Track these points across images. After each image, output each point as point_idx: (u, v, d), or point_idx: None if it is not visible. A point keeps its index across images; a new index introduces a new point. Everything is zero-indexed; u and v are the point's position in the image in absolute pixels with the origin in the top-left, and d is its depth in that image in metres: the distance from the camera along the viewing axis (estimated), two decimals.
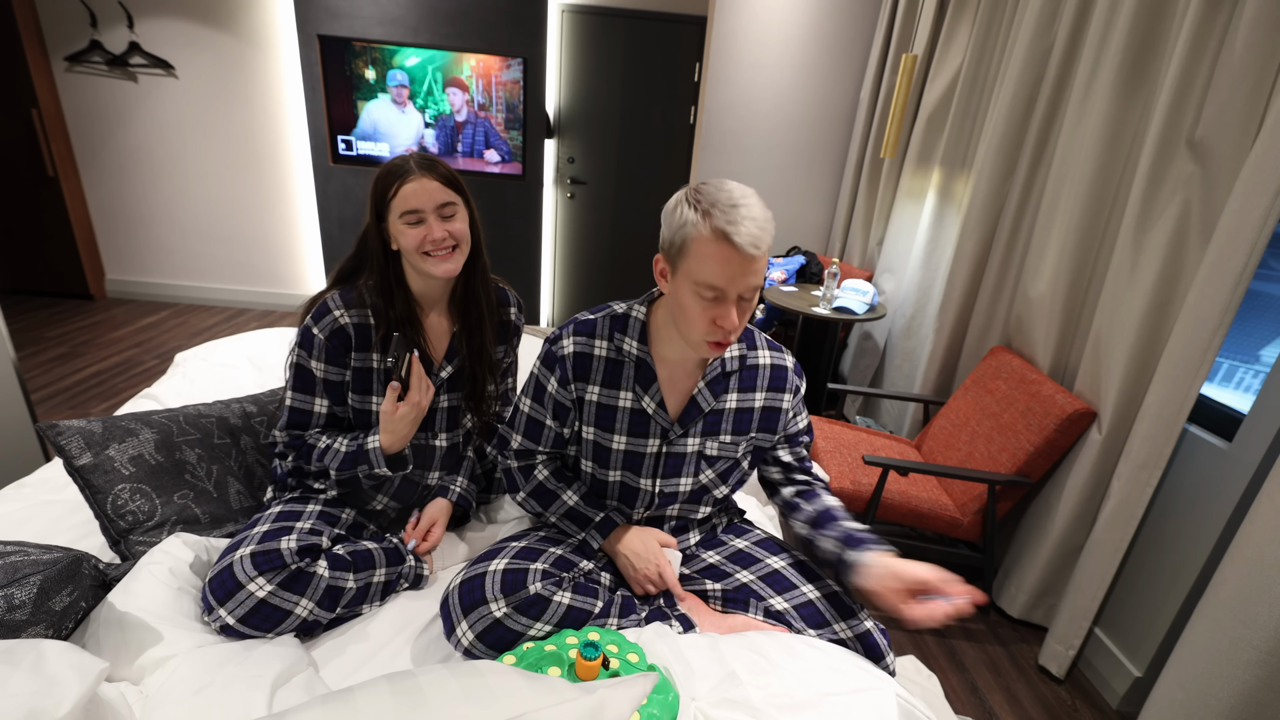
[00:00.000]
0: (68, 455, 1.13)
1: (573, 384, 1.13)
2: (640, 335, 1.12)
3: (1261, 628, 1.18)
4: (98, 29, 3.51)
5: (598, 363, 1.13)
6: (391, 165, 1.14)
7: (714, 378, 1.14)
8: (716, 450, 1.17)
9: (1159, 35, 1.70)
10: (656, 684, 0.90)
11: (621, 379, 1.13)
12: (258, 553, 1.03)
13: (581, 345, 1.13)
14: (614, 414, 1.14)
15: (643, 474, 1.17)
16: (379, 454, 1.16)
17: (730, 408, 1.16)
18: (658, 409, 1.13)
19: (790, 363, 1.20)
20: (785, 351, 1.21)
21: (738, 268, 0.94)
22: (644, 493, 1.19)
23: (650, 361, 1.12)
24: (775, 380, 1.18)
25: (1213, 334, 1.42)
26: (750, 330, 1.19)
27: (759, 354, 1.18)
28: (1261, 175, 1.31)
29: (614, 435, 1.14)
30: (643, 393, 1.12)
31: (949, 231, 2.69)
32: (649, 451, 1.15)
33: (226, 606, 1.00)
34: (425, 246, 1.13)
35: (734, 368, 1.15)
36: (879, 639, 1.11)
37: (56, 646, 0.76)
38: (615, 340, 1.12)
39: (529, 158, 3.72)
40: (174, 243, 3.98)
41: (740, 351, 1.16)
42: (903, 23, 3.18)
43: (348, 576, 1.12)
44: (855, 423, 2.91)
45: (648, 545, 1.17)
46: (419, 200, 1.11)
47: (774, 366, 1.18)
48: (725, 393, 1.15)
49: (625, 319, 1.13)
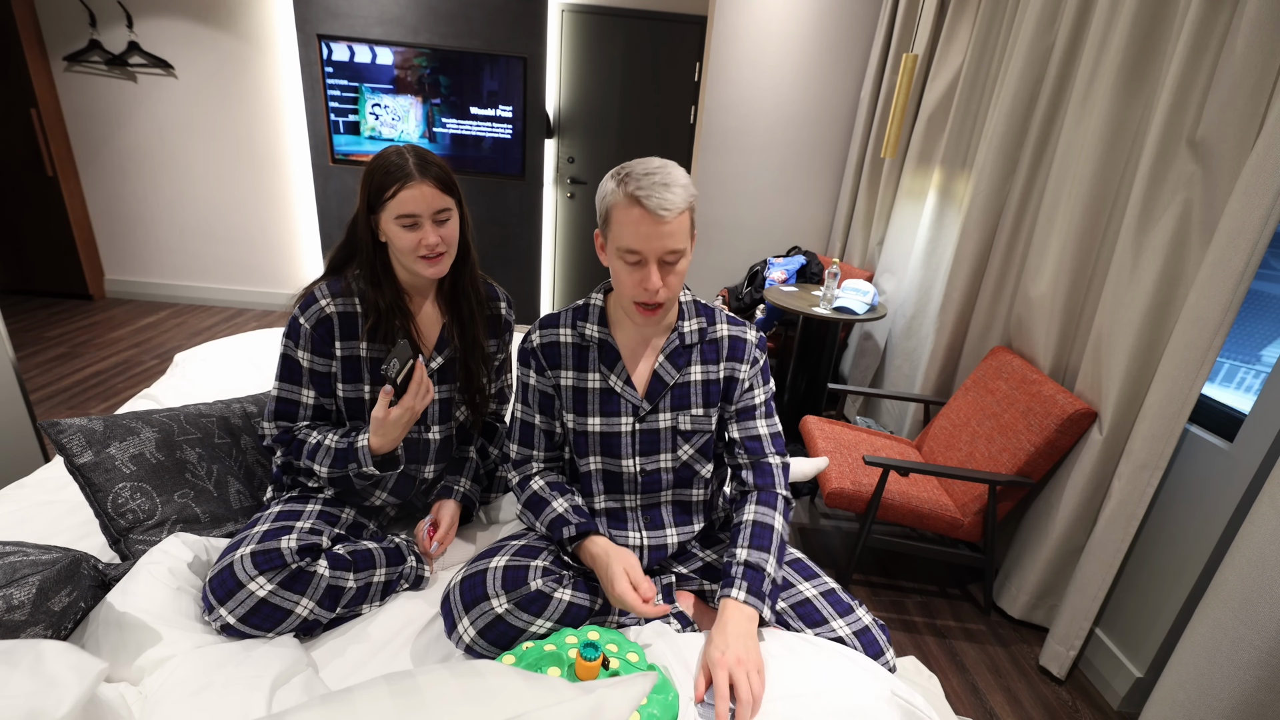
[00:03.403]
0: (69, 453, 1.13)
1: (548, 371, 1.18)
2: (600, 319, 1.17)
3: (1262, 628, 1.18)
4: (97, 29, 3.51)
5: (565, 349, 1.18)
6: (389, 162, 1.12)
7: (673, 350, 1.16)
8: (690, 424, 1.18)
9: (1160, 35, 1.69)
10: (656, 683, 0.90)
11: (588, 361, 1.17)
12: (258, 552, 1.03)
13: (548, 336, 1.18)
14: (586, 395, 1.17)
15: (623, 455, 1.18)
16: (367, 453, 1.15)
17: (696, 380, 1.18)
18: (625, 386, 1.15)
19: (752, 336, 1.21)
20: (748, 326, 1.22)
21: (650, 229, 1.00)
22: (628, 475, 1.19)
23: (612, 342, 1.16)
24: (733, 350, 1.19)
25: (1214, 334, 1.42)
26: (711, 308, 1.22)
27: (719, 328, 1.20)
28: (1262, 175, 1.31)
29: (588, 418, 1.17)
30: (609, 371, 1.16)
31: (949, 231, 2.69)
32: (624, 430, 1.17)
33: (227, 606, 0.99)
34: (420, 251, 1.14)
35: (694, 340, 1.18)
36: (877, 634, 1.11)
37: (55, 647, 0.75)
38: (578, 327, 1.18)
39: (529, 158, 3.72)
40: (173, 243, 3.98)
41: (700, 325, 1.19)
42: (903, 22, 3.18)
43: (348, 576, 1.12)
44: (856, 423, 2.90)
45: (610, 556, 1.06)
46: (416, 206, 1.11)
47: (732, 338, 1.20)
48: (688, 365, 1.17)
49: (585, 307, 1.19)
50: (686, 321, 1.18)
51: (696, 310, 1.20)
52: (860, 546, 1.98)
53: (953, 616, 2.04)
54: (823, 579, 1.18)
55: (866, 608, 1.14)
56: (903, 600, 2.09)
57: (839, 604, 1.13)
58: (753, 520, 1.13)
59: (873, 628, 1.11)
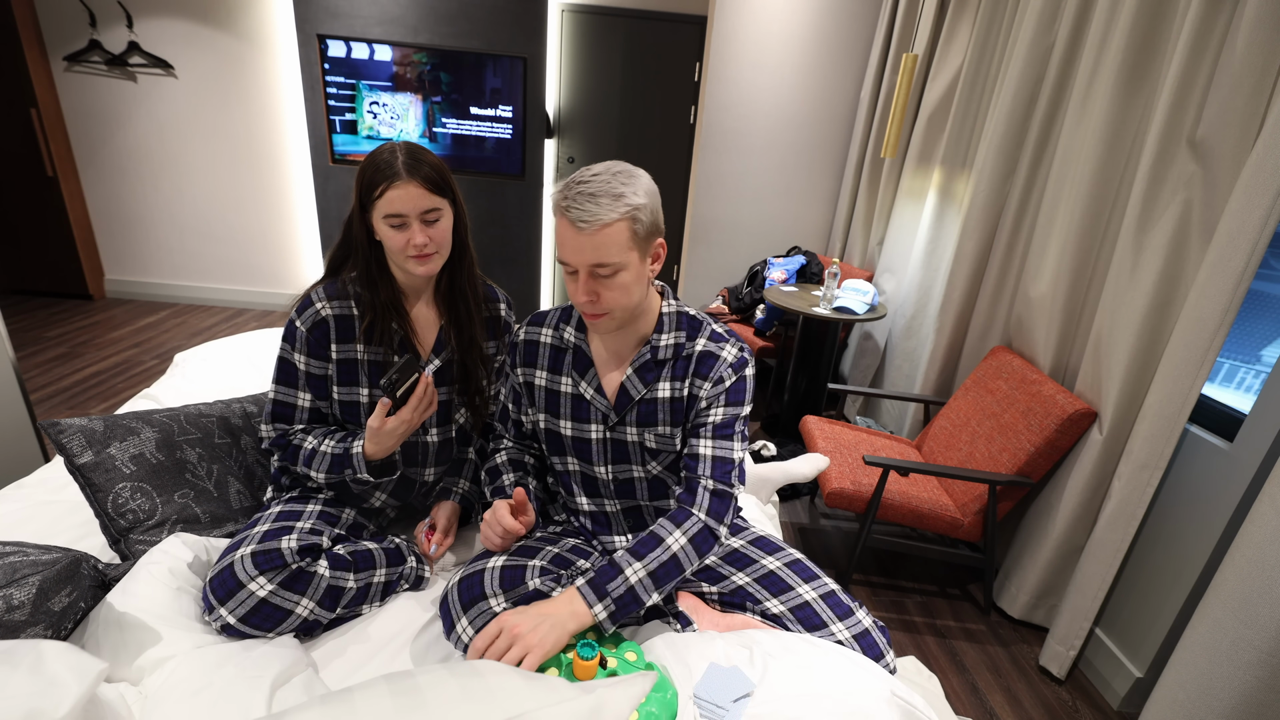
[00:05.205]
0: (69, 453, 1.13)
1: (520, 369, 1.20)
2: (579, 324, 1.17)
3: (1262, 628, 1.18)
4: (97, 29, 3.51)
5: (543, 349, 1.19)
6: (379, 160, 1.11)
7: (642, 364, 1.13)
8: (655, 443, 1.15)
9: (1160, 35, 1.69)
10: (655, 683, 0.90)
11: (562, 365, 1.17)
12: (258, 552, 1.03)
13: (531, 334, 1.20)
14: (558, 399, 1.18)
15: (595, 461, 1.19)
16: (362, 460, 1.13)
17: (664, 397, 1.13)
18: (595, 394, 1.15)
19: (728, 354, 1.11)
20: (730, 343, 1.13)
21: (573, 240, 0.98)
22: (601, 481, 1.20)
23: (586, 349, 1.16)
24: (700, 367, 1.11)
25: (1214, 334, 1.42)
26: (699, 321, 1.16)
27: (697, 343, 1.13)
28: (1262, 175, 1.31)
29: (560, 420, 1.18)
30: (579, 378, 1.16)
31: (949, 231, 2.69)
32: (594, 437, 1.17)
33: (227, 606, 0.99)
34: (409, 251, 1.13)
35: (667, 356, 1.13)
36: (877, 637, 1.10)
37: (55, 647, 0.75)
38: (559, 329, 1.19)
39: (529, 158, 3.72)
40: (173, 243, 3.98)
41: (676, 340, 1.13)
42: (903, 22, 3.18)
43: (348, 576, 1.12)
44: (855, 423, 2.91)
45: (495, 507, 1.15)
46: (403, 206, 1.09)
47: (703, 354, 1.12)
48: (657, 381, 1.13)
49: (569, 310, 1.20)
50: (663, 335, 1.13)
51: (679, 323, 1.14)
52: (860, 546, 1.98)
53: (953, 616, 2.04)
54: (822, 580, 1.18)
55: (867, 609, 1.14)
56: (903, 600, 2.09)
57: (839, 606, 1.13)
58: (650, 531, 1.06)
59: (873, 630, 1.11)
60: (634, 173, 1.02)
